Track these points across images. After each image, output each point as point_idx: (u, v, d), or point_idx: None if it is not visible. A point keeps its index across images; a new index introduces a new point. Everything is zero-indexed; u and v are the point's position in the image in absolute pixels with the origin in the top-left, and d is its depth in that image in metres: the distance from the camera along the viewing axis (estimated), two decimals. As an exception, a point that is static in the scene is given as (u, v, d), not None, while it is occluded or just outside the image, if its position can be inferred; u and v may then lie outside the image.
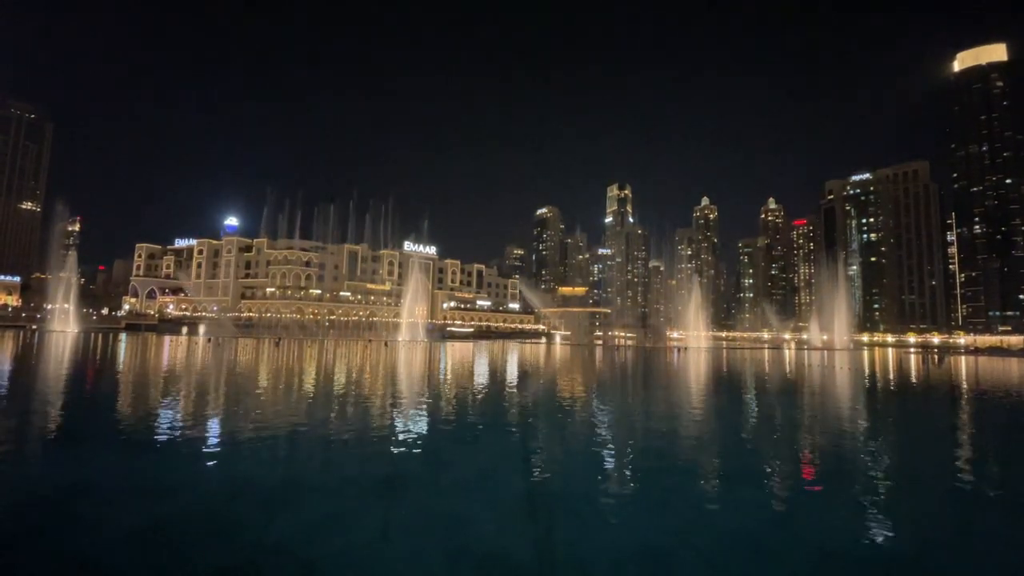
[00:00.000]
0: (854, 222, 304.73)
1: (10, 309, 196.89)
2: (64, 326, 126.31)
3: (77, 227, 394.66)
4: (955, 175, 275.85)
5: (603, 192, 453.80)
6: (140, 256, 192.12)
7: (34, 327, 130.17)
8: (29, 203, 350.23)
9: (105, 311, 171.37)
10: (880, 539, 7.98)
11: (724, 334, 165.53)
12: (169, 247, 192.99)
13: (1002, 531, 8.60)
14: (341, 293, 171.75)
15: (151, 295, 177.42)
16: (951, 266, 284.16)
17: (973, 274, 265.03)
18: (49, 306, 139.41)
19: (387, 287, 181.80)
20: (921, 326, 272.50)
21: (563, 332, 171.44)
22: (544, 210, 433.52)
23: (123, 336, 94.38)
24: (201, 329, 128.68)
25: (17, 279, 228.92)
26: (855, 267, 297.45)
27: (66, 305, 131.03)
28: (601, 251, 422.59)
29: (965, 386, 36.71)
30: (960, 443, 16.71)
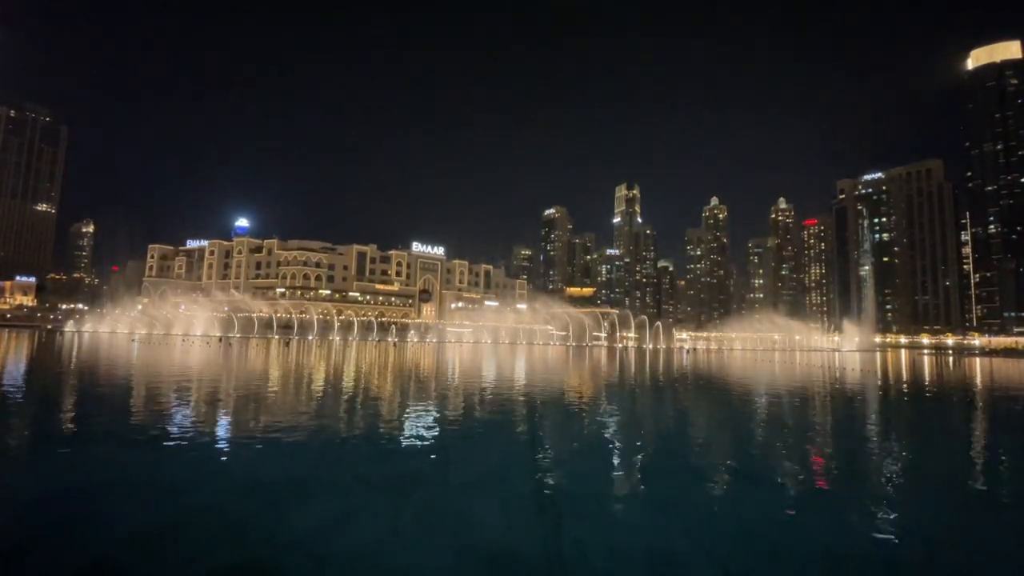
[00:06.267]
0: (866, 222, 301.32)
1: (25, 309, 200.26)
2: (78, 326, 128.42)
3: (91, 228, 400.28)
4: (969, 174, 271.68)
5: (611, 192, 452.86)
6: (152, 257, 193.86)
7: (49, 327, 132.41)
8: (44, 205, 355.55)
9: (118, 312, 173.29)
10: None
11: (733, 335, 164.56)
12: (181, 248, 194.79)
13: None
14: (350, 293, 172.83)
15: (163, 296, 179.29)
16: (965, 266, 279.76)
17: (988, 274, 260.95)
18: (64, 306, 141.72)
19: (396, 287, 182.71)
20: (935, 327, 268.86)
21: (560, 333, 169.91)
22: (552, 210, 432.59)
23: (136, 337, 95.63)
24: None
25: (33, 280, 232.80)
26: (867, 267, 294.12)
27: (82, 306, 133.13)
28: (609, 251, 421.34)
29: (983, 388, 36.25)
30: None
